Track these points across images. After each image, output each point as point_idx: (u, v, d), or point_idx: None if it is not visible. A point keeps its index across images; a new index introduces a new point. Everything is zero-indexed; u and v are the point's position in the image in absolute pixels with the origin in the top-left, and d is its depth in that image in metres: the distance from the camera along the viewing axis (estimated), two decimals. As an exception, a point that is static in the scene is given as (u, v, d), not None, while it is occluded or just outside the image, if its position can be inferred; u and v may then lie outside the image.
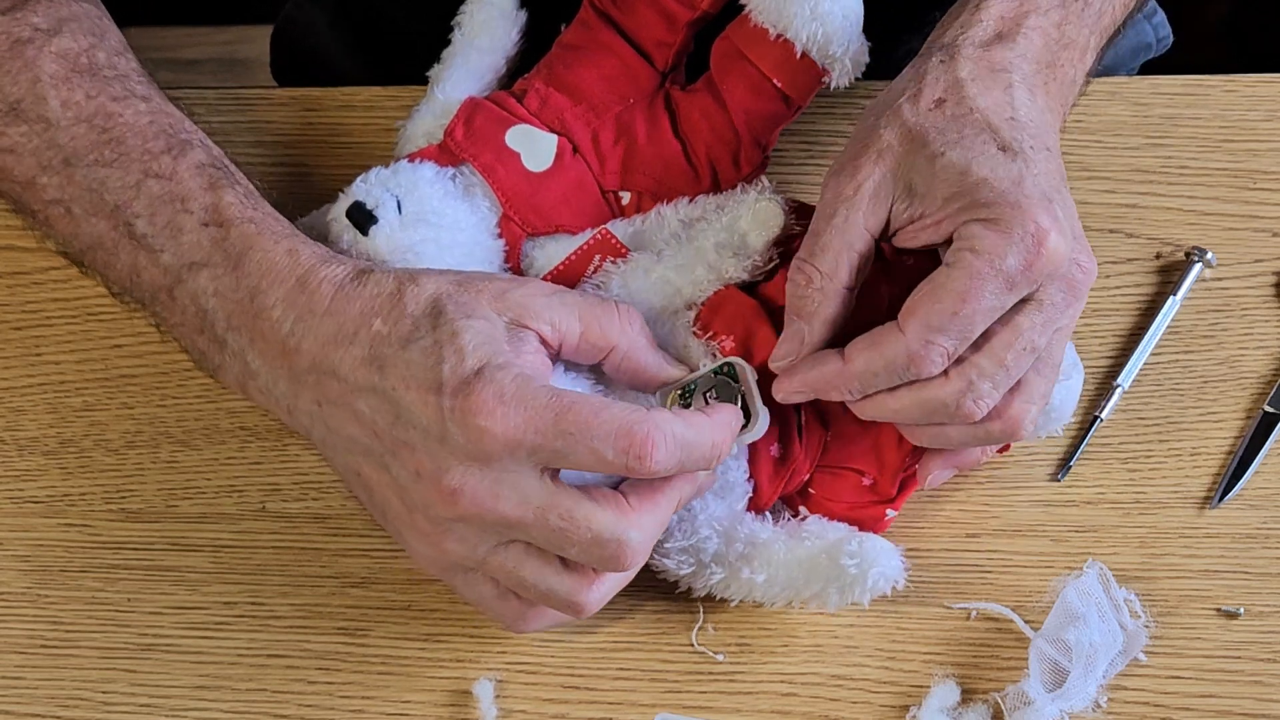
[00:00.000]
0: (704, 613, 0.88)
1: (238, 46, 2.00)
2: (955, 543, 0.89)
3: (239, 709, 0.87)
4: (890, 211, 0.80)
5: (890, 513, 0.87)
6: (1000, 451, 0.89)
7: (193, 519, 0.91)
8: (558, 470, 0.78)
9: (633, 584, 0.88)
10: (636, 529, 0.78)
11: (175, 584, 0.90)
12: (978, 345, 0.79)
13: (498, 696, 0.86)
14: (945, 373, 0.79)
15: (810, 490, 0.87)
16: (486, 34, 0.93)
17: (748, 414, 0.82)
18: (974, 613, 0.87)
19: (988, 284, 0.77)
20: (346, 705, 0.87)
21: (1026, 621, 0.86)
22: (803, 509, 0.87)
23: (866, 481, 0.86)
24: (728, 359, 0.84)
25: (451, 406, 0.76)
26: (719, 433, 0.79)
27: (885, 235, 0.81)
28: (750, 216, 0.85)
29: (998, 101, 0.81)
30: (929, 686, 0.85)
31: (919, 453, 0.86)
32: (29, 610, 0.90)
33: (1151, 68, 1.18)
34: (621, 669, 0.87)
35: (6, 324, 0.96)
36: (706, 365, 0.85)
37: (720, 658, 0.87)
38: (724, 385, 0.83)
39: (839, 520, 0.86)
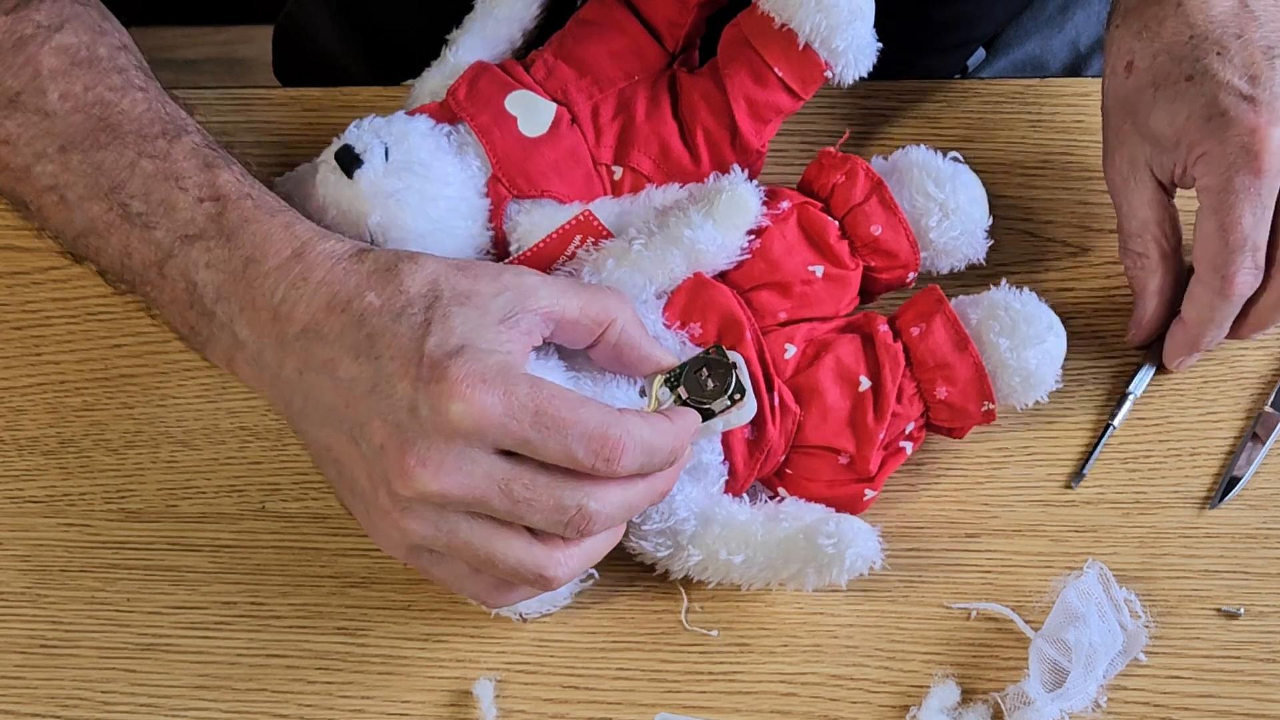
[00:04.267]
0: (688, 597, 0.88)
1: (238, 46, 2.00)
2: (955, 543, 0.89)
3: (239, 709, 0.87)
4: (1153, 171, 0.89)
5: (869, 492, 0.87)
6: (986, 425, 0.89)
7: (193, 519, 0.91)
8: None
9: (632, 583, 0.88)
10: (597, 499, 0.78)
11: (175, 584, 0.90)
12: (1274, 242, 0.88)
13: (498, 696, 0.86)
14: (1264, 283, 0.89)
15: (787, 471, 0.87)
16: (506, 4, 0.94)
17: (742, 391, 0.83)
18: (974, 613, 0.87)
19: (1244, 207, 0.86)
20: (346, 705, 0.87)
21: (1026, 621, 0.86)
22: (781, 490, 0.87)
23: (843, 460, 0.86)
24: (715, 345, 0.84)
25: (427, 380, 0.77)
26: (679, 438, 0.81)
27: (1170, 188, 0.90)
28: (723, 206, 0.86)
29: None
30: (929, 686, 0.85)
31: (897, 428, 0.87)
32: (29, 610, 0.90)
33: (1151, 68, 1.18)
34: (621, 669, 0.87)
35: (6, 324, 0.96)
36: (690, 351, 0.85)
37: (714, 634, 0.87)
38: (716, 364, 0.83)
39: (818, 500, 0.87)
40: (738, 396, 0.83)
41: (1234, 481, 0.90)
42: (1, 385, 0.95)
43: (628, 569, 0.88)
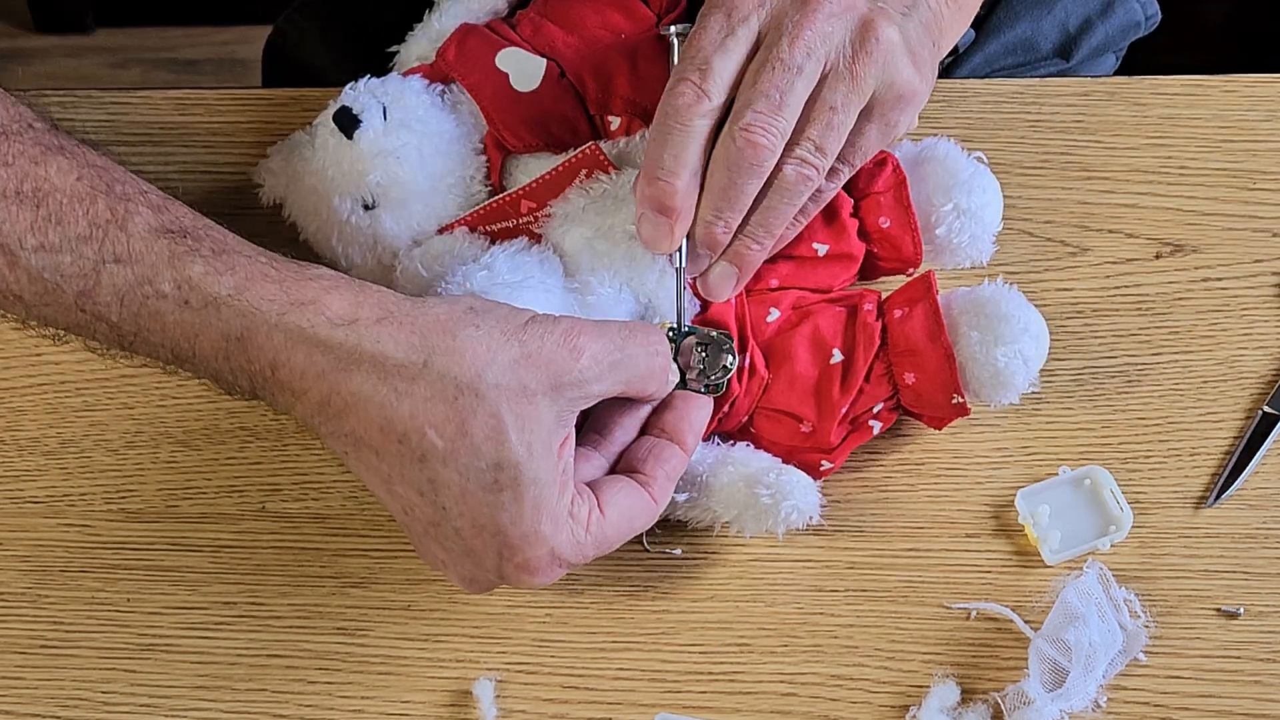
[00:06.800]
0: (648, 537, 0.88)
1: (238, 46, 2.00)
2: (955, 543, 0.89)
3: (239, 709, 0.87)
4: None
5: (826, 464, 0.87)
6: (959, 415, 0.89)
7: (193, 519, 0.91)
8: None
9: (633, 584, 0.88)
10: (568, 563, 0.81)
11: (175, 584, 0.90)
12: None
13: (498, 696, 0.86)
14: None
15: (751, 429, 0.88)
16: None
17: (713, 389, 0.85)
18: (974, 613, 0.88)
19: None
20: (346, 705, 0.87)
21: (1026, 621, 0.86)
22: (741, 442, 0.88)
23: (805, 428, 0.87)
24: (729, 339, 0.85)
25: (509, 557, 0.79)
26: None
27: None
28: None
29: None
30: (929, 686, 0.85)
31: (863, 406, 0.87)
32: (29, 610, 0.90)
33: (1151, 68, 1.18)
34: (621, 669, 0.87)
35: (7, 324, 0.96)
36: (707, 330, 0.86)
37: (677, 551, 0.88)
38: (718, 353, 0.85)
39: None
40: (701, 390, 0.85)
41: (1231, 481, 0.90)
42: (1, 385, 0.95)
43: (628, 570, 0.88)
